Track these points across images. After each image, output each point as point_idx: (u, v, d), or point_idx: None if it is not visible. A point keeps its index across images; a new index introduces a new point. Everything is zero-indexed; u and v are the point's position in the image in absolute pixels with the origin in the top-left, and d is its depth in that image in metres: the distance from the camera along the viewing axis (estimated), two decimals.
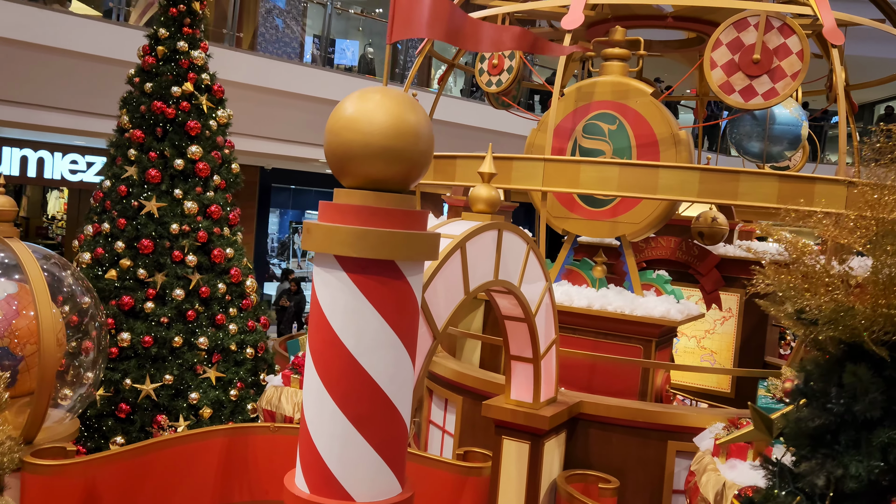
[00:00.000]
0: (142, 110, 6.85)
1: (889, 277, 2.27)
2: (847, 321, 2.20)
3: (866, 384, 2.00)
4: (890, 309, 2.20)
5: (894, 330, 2.18)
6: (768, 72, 5.64)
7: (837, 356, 2.26)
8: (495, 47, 3.43)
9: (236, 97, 10.93)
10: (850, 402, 2.03)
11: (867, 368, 2.04)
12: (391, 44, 3.31)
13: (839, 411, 2.05)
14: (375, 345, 3.21)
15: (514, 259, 4.52)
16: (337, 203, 3.22)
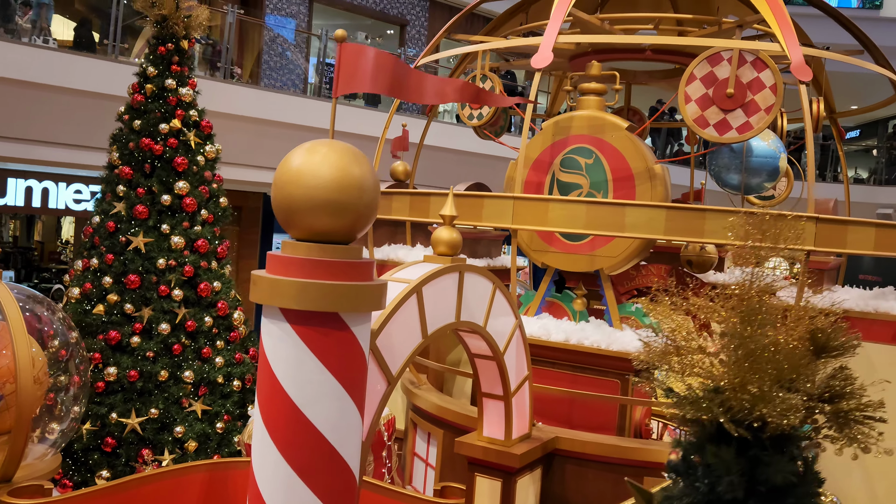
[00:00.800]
0: (130, 147, 6.99)
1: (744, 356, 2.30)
2: (707, 402, 2.22)
3: (728, 464, 2.01)
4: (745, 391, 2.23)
5: (753, 409, 2.20)
6: (742, 106, 5.66)
7: (709, 432, 2.27)
8: (439, 99, 3.50)
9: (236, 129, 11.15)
10: (715, 481, 2.05)
11: (731, 448, 2.05)
12: (336, 97, 3.38)
13: (705, 490, 2.06)
14: (319, 395, 3.26)
15: (479, 299, 4.56)
16: (282, 255, 3.29)
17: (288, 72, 14.20)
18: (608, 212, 4.97)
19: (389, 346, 3.78)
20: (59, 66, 9.55)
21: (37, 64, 9.27)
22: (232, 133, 10.81)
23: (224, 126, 11.00)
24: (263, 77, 13.64)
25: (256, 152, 11.11)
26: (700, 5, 7.64)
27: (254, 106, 11.31)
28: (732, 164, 6.33)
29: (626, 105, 8.74)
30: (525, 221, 5.15)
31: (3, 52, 9.36)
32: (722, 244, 5.83)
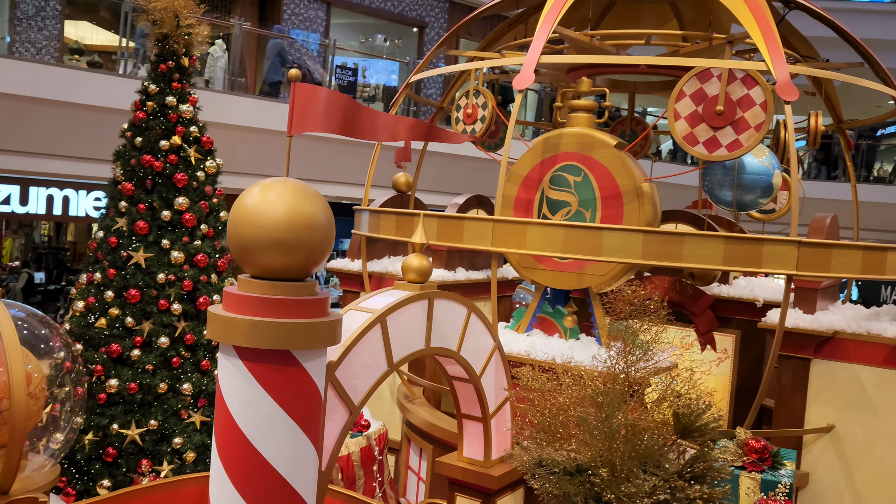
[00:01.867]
0: (132, 163, 7.13)
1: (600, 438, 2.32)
2: (568, 479, 2.23)
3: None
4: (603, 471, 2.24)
5: (608, 490, 2.20)
6: (732, 123, 5.60)
7: None
8: (391, 137, 3.54)
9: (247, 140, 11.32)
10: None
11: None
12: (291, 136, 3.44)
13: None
14: (271, 430, 3.33)
15: (451, 325, 4.59)
16: (235, 293, 3.36)
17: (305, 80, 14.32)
18: (585, 235, 4.96)
19: (351, 377, 3.83)
20: (68, 80, 9.82)
21: (45, 79, 9.57)
22: (243, 143, 11.01)
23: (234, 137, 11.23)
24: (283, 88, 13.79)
25: (266, 162, 11.29)
26: (705, 14, 7.56)
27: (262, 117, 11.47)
28: (725, 181, 6.27)
29: (629, 115, 8.69)
30: (504, 244, 5.17)
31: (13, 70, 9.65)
32: (700, 268, 5.80)
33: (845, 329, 5.56)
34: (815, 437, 5.63)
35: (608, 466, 2.23)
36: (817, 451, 5.63)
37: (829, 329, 5.54)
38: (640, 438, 2.41)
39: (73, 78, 9.93)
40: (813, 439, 5.64)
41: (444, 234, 5.45)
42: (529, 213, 6.25)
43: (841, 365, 5.57)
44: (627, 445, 2.36)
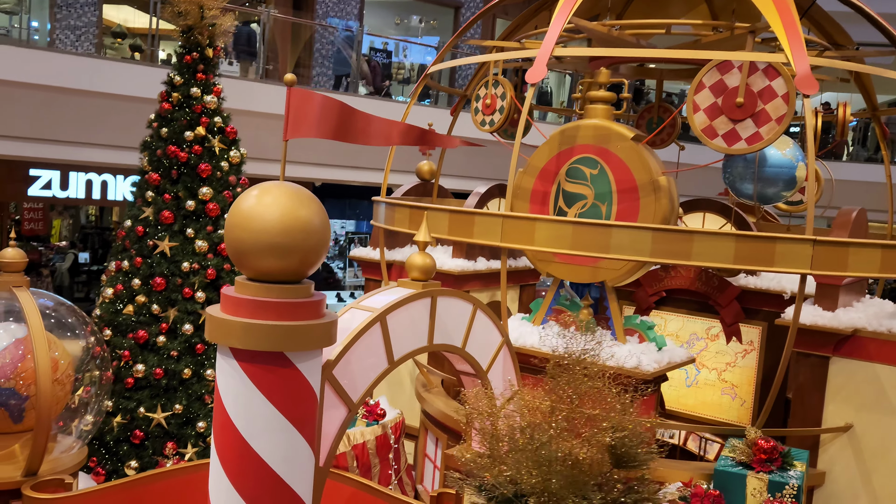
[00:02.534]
0: (158, 154, 7.28)
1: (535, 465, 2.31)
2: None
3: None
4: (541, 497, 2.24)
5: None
6: (752, 115, 5.48)
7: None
8: (385, 141, 3.56)
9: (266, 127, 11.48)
10: None
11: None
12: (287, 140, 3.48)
13: None
14: (265, 429, 3.41)
15: (456, 322, 4.62)
16: (232, 295, 3.43)
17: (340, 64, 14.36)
18: (594, 232, 4.92)
19: (349, 375, 3.89)
20: (100, 71, 10.05)
21: (78, 71, 9.82)
22: (276, 131, 11.16)
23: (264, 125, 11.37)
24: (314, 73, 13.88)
25: (298, 150, 11.39)
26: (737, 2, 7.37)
27: None
28: (747, 174, 6.15)
29: (656, 101, 8.54)
30: (513, 240, 5.16)
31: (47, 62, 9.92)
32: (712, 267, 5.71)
33: (866, 327, 5.43)
34: (833, 437, 5.53)
35: (545, 493, 2.25)
36: (834, 451, 5.54)
37: (849, 327, 5.42)
38: (576, 467, 2.42)
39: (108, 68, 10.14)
40: (830, 438, 5.55)
41: (454, 230, 5.46)
42: (545, 206, 6.22)
43: (860, 364, 5.45)
44: (563, 474, 2.37)
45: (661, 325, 8.62)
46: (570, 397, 2.73)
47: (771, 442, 4.75)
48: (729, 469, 4.75)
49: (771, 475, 4.64)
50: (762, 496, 4.59)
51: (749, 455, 4.78)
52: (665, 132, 8.03)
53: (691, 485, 4.77)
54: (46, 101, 9.91)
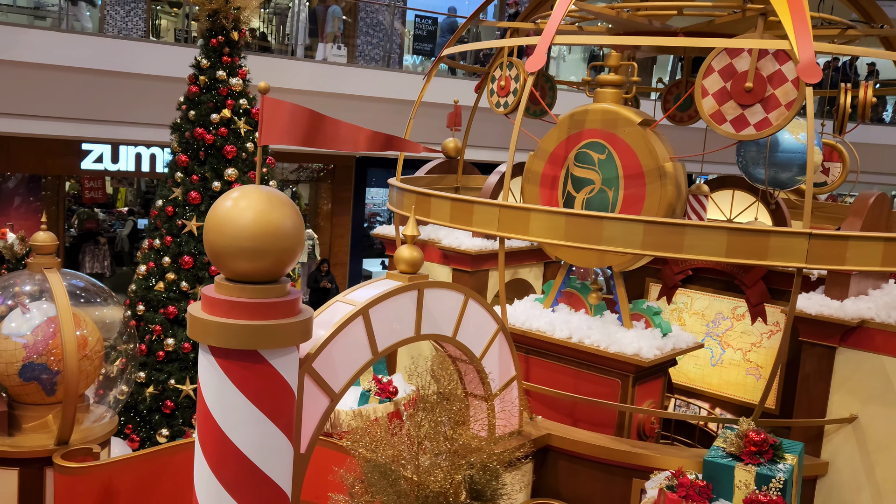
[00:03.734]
0: (186, 136, 7.54)
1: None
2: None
3: None
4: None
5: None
6: (761, 101, 5.36)
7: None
8: (352, 147, 3.66)
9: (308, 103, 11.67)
10: None
11: None
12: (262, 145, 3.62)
13: None
14: (241, 421, 3.62)
15: (445, 312, 4.73)
16: (210, 295, 3.63)
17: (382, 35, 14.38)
18: (586, 224, 4.93)
19: (331, 367, 4.07)
20: (137, 53, 10.41)
21: (114, 53, 10.24)
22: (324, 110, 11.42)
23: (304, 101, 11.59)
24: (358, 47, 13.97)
25: None
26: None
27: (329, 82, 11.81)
28: (760, 158, 6.02)
29: (684, 79, 8.36)
30: (509, 229, 5.21)
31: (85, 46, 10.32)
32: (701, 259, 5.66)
33: (874, 318, 5.32)
34: (837, 427, 5.47)
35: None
36: (838, 441, 5.48)
37: (856, 318, 5.31)
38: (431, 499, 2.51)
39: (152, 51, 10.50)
40: (835, 429, 5.49)
41: (455, 217, 5.54)
42: (555, 190, 6.24)
43: (867, 355, 5.34)
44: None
45: (687, 303, 8.56)
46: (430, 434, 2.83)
47: (762, 435, 4.75)
48: (718, 460, 4.77)
49: (759, 468, 4.64)
50: (749, 488, 4.61)
51: (739, 447, 4.79)
52: (694, 110, 7.88)
53: (679, 474, 4.81)
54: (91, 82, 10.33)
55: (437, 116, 10.18)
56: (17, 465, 5.78)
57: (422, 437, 2.89)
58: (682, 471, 4.89)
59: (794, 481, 4.75)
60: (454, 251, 7.62)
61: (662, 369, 6.14)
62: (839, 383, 5.47)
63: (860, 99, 6.12)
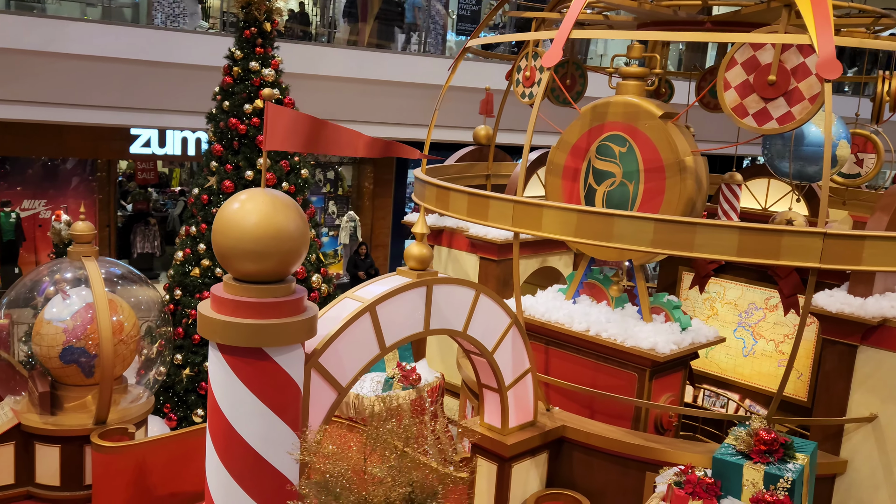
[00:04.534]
0: (221, 126, 7.75)
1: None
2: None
3: None
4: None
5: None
6: (784, 94, 5.26)
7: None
8: (352, 152, 3.76)
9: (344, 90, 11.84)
10: None
11: None
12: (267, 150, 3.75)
13: None
14: (247, 414, 3.80)
15: (456, 308, 4.82)
16: (217, 294, 3.80)
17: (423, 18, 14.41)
18: (597, 221, 4.94)
19: (337, 361, 4.20)
20: (174, 43, 10.71)
21: (153, 43, 10.58)
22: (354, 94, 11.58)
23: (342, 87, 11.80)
24: None
25: (377, 111, 11.83)
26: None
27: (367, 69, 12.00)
28: (785, 152, 5.91)
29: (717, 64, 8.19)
30: (523, 225, 5.25)
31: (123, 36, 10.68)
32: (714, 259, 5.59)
33: (893, 317, 5.21)
34: (857, 426, 5.40)
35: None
36: (858, 440, 5.41)
37: (877, 316, 5.21)
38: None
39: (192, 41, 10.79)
40: (854, 427, 5.41)
41: (472, 212, 5.60)
42: (576, 183, 6.24)
43: (889, 354, 5.24)
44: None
45: (720, 292, 8.47)
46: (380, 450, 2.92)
47: (772, 434, 4.73)
48: (727, 458, 4.76)
49: (768, 467, 4.63)
50: (756, 487, 4.61)
51: (750, 445, 4.77)
52: None
53: (688, 470, 4.84)
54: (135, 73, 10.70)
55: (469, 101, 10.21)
56: (59, 443, 6.12)
57: (369, 453, 3.01)
58: (690, 467, 4.92)
59: (804, 481, 4.73)
60: (481, 240, 7.69)
61: (683, 363, 6.13)
62: (860, 382, 5.39)
63: (893, 89, 5.94)
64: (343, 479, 2.78)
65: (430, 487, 2.81)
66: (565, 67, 7.87)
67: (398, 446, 2.94)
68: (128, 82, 10.80)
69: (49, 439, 6.10)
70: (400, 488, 2.73)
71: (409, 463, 2.85)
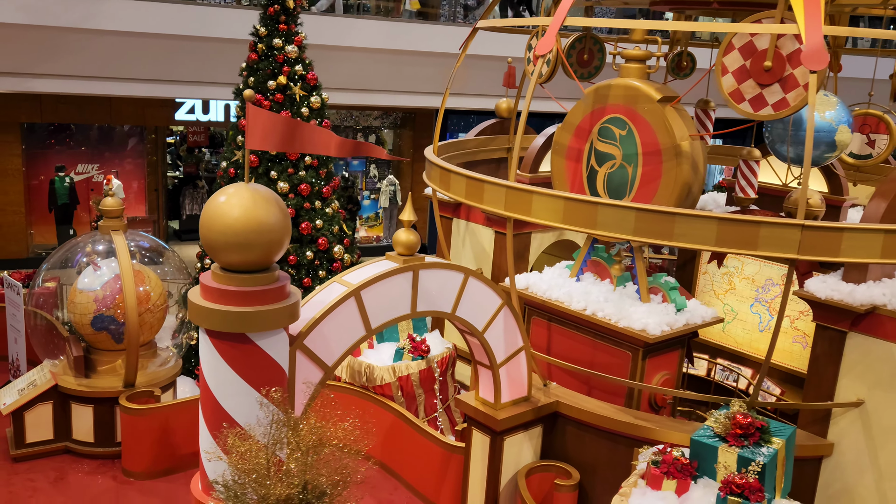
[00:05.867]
0: None
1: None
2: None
3: None
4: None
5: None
6: (780, 80, 5.26)
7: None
8: (325, 151, 3.99)
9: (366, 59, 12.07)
10: None
11: None
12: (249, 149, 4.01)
13: None
14: (233, 392, 4.15)
15: (444, 290, 5.05)
16: (205, 283, 4.12)
17: None
18: (582, 209, 5.06)
19: (323, 343, 4.50)
20: (205, 17, 11.03)
21: (186, 18, 10.91)
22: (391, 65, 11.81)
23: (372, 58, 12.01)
24: None
25: (396, 80, 11.98)
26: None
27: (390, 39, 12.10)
28: (786, 135, 5.88)
29: None
30: (515, 210, 5.41)
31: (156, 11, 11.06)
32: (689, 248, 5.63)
33: (886, 305, 5.21)
34: (844, 410, 5.46)
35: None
36: (845, 424, 5.47)
37: (866, 304, 5.22)
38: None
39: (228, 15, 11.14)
40: (842, 411, 5.47)
41: (469, 195, 5.78)
42: (579, 164, 6.34)
43: (877, 342, 5.26)
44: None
45: (738, 267, 8.48)
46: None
47: (749, 418, 4.86)
48: (704, 440, 4.93)
49: (742, 450, 4.78)
50: (730, 470, 4.76)
51: (727, 428, 4.92)
52: None
53: (665, 450, 5.02)
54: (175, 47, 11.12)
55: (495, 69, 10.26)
56: (92, 403, 6.65)
57: (271, 454, 3.29)
58: (667, 448, 5.10)
59: (779, 464, 4.86)
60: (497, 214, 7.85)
61: (681, 342, 6.25)
62: (848, 367, 5.44)
63: None
64: (248, 478, 3.07)
65: (319, 489, 3.08)
66: (583, 42, 7.86)
67: (302, 447, 3.22)
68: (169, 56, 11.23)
69: (83, 400, 6.63)
70: (294, 489, 3.01)
71: (304, 464, 3.13)
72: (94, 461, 6.64)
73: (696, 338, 6.59)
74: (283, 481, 3.04)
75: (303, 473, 3.05)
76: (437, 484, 6.25)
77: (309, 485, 3.06)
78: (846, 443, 5.52)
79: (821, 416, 5.61)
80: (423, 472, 6.40)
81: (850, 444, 5.50)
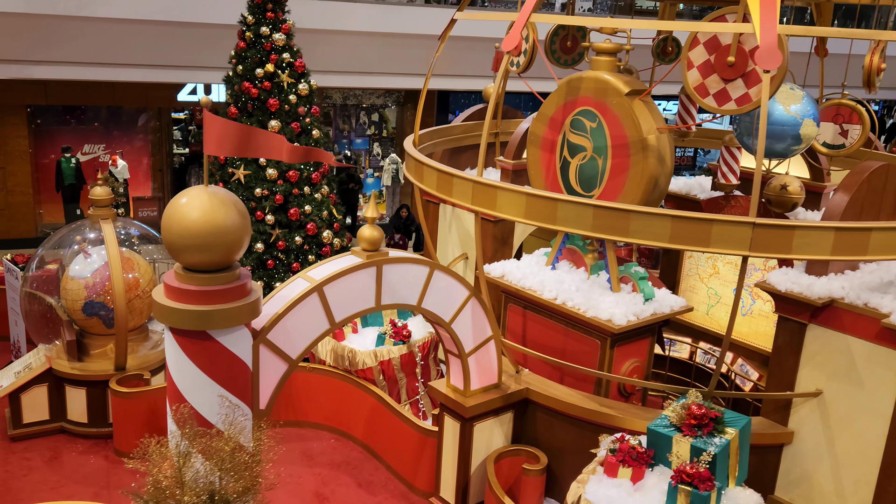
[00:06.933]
0: (235, 89, 8.20)
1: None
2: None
3: None
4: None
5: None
6: (743, 76, 5.32)
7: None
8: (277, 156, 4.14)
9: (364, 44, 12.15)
10: None
11: None
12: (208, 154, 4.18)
13: None
14: (195, 386, 4.36)
15: (409, 284, 5.21)
16: (167, 283, 4.31)
17: None
18: (543, 205, 5.18)
19: (287, 337, 4.69)
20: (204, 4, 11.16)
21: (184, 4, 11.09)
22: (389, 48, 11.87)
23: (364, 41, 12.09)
24: None
25: (388, 62, 12.06)
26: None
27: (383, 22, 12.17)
28: (753, 128, 5.94)
29: None
30: (481, 204, 5.54)
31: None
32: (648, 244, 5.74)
33: (843, 298, 5.30)
34: (804, 399, 5.58)
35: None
36: (804, 413, 5.60)
37: (823, 297, 5.31)
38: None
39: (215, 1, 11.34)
40: (802, 400, 5.60)
41: (440, 188, 5.91)
42: (553, 154, 6.44)
43: (835, 334, 5.36)
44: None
45: None
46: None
47: (703, 409, 5.00)
48: (660, 429, 5.08)
49: (695, 440, 4.93)
50: (682, 459, 4.91)
51: (682, 418, 5.07)
52: None
53: (622, 439, 5.19)
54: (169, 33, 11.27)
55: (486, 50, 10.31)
56: (85, 385, 6.93)
57: (182, 465, 3.48)
58: (624, 436, 5.27)
59: (732, 453, 5.00)
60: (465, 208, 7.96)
61: (650, 330, 6.38)
62: (808, 358, 5.56)
63: (864, 66, 5.85)
64: (158, 487, 3.28)
65: (224, 497, 3.28)
66: (566, 29, 7.91)
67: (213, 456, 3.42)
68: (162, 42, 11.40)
69: (76, 382, 6.91)
70: (202, 496, 3.21)
71: (210, 472, 3.33)
72: (88, 441, 6.94)
73: (667, 325, 6.71)
74: (192, 490, 3.24)
75: (210, 484, 3.26)
76: (414, 466, 6.48)
77: (216, 494, 3.26)
78: (805, 431, 5.65)
79: (782, 405, 5.75)
80: (401, 455, 6.63)
81: (809, 432, 5.64)
